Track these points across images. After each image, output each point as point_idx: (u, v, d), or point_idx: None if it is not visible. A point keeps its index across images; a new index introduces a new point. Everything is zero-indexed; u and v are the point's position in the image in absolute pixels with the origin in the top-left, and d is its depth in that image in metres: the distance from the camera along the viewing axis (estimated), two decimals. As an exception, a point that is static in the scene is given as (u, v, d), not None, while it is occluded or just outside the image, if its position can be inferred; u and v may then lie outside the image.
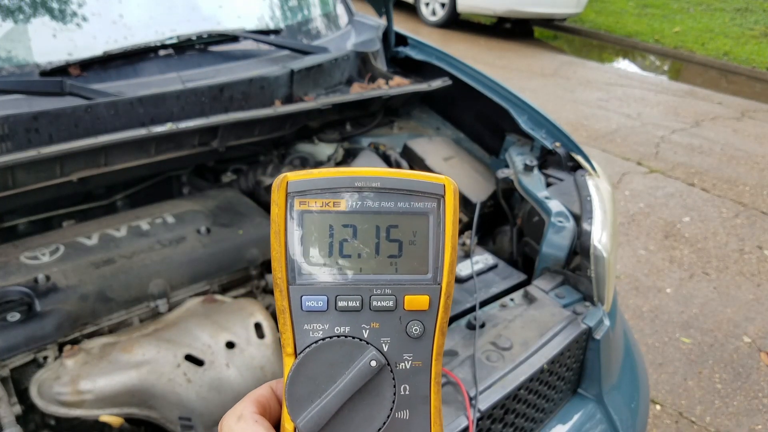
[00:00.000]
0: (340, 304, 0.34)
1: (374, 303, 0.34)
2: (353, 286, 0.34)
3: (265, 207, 1.22)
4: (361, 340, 0.34)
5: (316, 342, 0.33)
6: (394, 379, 0.33)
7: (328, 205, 0.34)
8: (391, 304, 0.34)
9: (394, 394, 0.33)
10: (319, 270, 0.34)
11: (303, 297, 0.34)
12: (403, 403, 0.34)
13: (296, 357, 0.34)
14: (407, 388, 0.34)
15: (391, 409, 0.33)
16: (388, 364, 0.34)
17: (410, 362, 0.34)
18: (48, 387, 0.79)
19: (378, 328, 0.34)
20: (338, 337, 0.34)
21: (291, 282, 0.34)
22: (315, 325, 0.34)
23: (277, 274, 0.34)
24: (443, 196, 0.35)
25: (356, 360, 0.33)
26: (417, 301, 0.34)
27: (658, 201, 3.44)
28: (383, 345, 0.34)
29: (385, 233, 0.34)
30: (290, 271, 0.34)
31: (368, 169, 0.34)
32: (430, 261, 0.35)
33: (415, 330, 0.34)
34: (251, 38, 1.39)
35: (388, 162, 1.43)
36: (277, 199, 0.34)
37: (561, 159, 1.32)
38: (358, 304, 0.34)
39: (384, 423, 0.33)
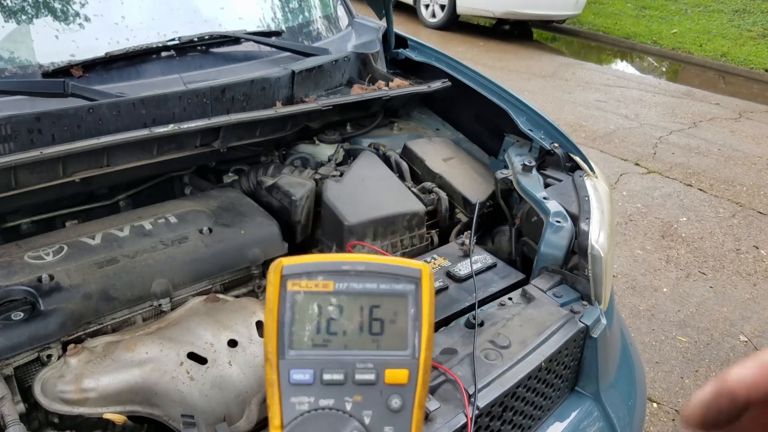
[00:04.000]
0: (326, 377, 0.36)
1: (357, 376, 0.36)
2: (338, 360, 0.36)
3: (267, 207, 1.23)
4: (344, 412, 0.36)
5: (301, 414, 0.35)
6: None
7: (317, 287, 0.37)
8: (372, 377, 0.36)
9: None
10: (308, 345, 0.37)
11: (291, 370, 0.36)
12: None
13: (282, 430, 0.35)
14: None
15: None
16: None
17: None
18: (51, 385, 0.80)
19: (360, 401, 0.36)
20: (323, 409, 0.35)
21: (281, 356, 0.36)
22: (301, 398, 0.36)
23: (269, 348, 0.36)
24: (420, 279, 0.37)
25: None
26: (397, 375, 0.36)
27: (655, 201, 3.46)
28: (365, 418, 0.36)
29: (369, 312, 0.37)
30: (281, 345, 0.36)
31: (355, 255, 0.38)
32: (408, 338, 0.37)
33: (395, 403, 0.36)
34: (252, 40, 1.40)
35: (388, 163, 1.44)
36: (272, 279, 0.37)
37: (559, 159, 1.33)
38: (342, 377, 0.36)
39: None
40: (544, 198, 1.17)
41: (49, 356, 0.86)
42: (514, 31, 8.05)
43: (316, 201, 1.26)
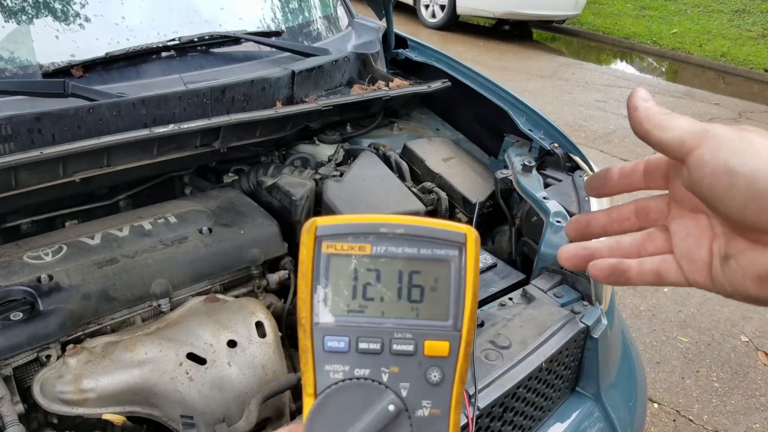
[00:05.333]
0: (361, 345, 0.34)
1: (394, 347, 0.34)
2: (374, 329, 0.35)
3: (267, 207, 1.23)
4: (380, 383, 0.34)
5: (335, 383, 0.34)
6: (411, 426, 0.34)
7: (353, 249, 0.35)
8: (411, 348, 0.34)
9: None
10: (343, 311, 0.35)
11: (325, 337, 0.34)
12: None
13: (316, 398, 0.34)
14: None
15: None
16: (407, 410, 0.34)
17: (428, 410, 0.34)
18: (51, 386, 0.80)
19: (397, 372, 0.34)
20: (358, 379, 0.34)
21: (315, 322, 0.35)
22: (336, 366, 0.34)
23: (302, 314, 0.35)
24: (465, 245, 0.35)
25: (375, 403, 0.33)
26: (437, 347, 0.34)
27: (656, 202, 3.46)
28: (402, 390, 0.34)
29: (408, 278, 0.35)
30: (315, 311, 0.35)
31: (394, 216, 0.35)
32: (451, 308, 0.35)
33: (435, 376, 0.34)
34: (252, 40, 1.40)
35: (388, 163, 1.44)
36: (306, 241, 0.35)
37: (559, 160, 1.33)
38: (378, 347, 0.34)
39: None
40: (544, 198, 1.17)
41: (48, 356, 0.86)
42: (514, 32, 8.06)
43: (316, 201, 1.26)
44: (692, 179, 0.31)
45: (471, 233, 0.35)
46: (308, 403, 0.34)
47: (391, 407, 0.33)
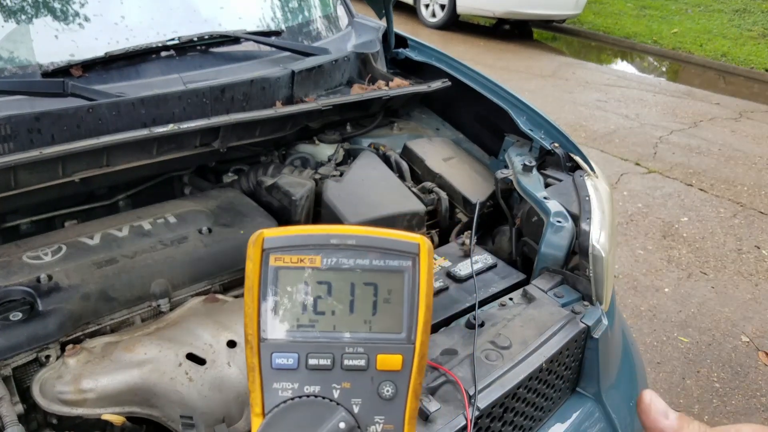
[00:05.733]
0: (311, 362, 0.33)
1: (346, 362, 0.33)
2: (325, 344, 0.33)
3: (266, 207, 1.23)
4: (331, 400, 0.33)
5: (284, 401, 0.33)
6: None
7: (303, 262, 0.34)
8: (363, 363, 0.33)
9: None
10: (292, 327, 0.34)
11: (273, 354, 0.33)
12: None
13: (264, 417, 0.33)
14: None
15: None
16: (359, 427, 0.33)
17: (381, 425, 0.33)
18: (50, 386, 0.80)
19: (349, 388, 0.33)
20: (308, 396, 0.33)
21: (262, 339, 0.33)
22: (284, 384, 0.33)
23: (249, 330, 0.33)
24: (418, 255, 0.34)
25: (325, 421, 0.32)
26: (390, 361, 0.33)
27: (656, 201, 3.45)
28: (354, 406, 0.33)
29: (360, 291, 0.34)
30: (262, 327, 0.33)
31: (344, 227, 0.34)
32: (404, 320, 0.34)
33: (387, 391, 0.33)
34: (252, 40, 1.40)
35: (388, 162, 1.43)
36: (252, 254, 0.33)
37: (560, 159, 1.33)
38: (329, 363, 0.33)
39: None
40: (545, 198, 1.17)
41: (48, 357, 0.86)
42: (514, 31, 8.05)
43: (316, 201, 1.26)
44: None
45: (424, 243, 0.34)
46: (256, 423, 0.33)
47: (342, 425, 0.32)
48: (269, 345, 0.33)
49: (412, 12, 7.73)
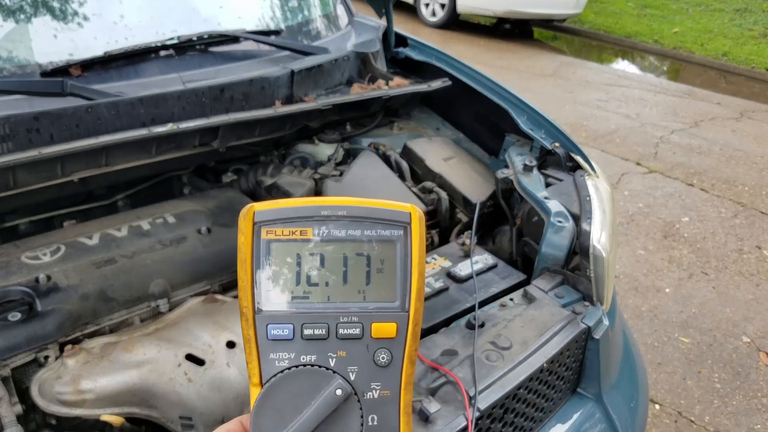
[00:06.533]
0: (306, 332, 0.34)
1: (341, 331, 0.34)
2: (320, 314, 0.34)
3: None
4: (327, 368, 0.33)
5: (281, 371, 0.33)
6: (361, 408, 0.33)
7: (295, 234, 0.34)
8: (357, 331, 0.34)
9: (362, 424, 0.33)
10: (286, 299, 0.34)
11: (269, 325, 0.34)
12: None
13: (262, 387, 0.33)
14: (375, 418, 0.33)
15: None
16: (355, 394, 0.33)
17: (378, 392, 0.34)
18: (49, 386, 0.80)
19: (345, 356, 0.34)
20: (304, 366, 0.33)
21: (257, 311, 0.34)
22: (281, 354, 0.34)
23: (243, 303, 0.34)
24: (409, 224, 0.35)
25: (322, 389, 0.33)
26: (384, 329, 0.34)
27: (657, 201, 3.45)
28: (350, 374, 0.34)
29: (353, 261, 0.34)
30: (257, 299, 0.34)
31: (335, 198, 0.35)
32: (398, 288, 0.34)
33: (383, 358, 0.34)
34: (252, 39, 1.39)
35: (388, 162, 1.43)
36: (243, 228, 0.34)
37: (560, 159, 1.32)
38: (324, 332, 0.34)
39: None
40: (545, 198, 1.16)
41: (47, 357, 0.85)
42: (514, 30, 8.04)
43: (315, 201, 1.25)
44: None
45: (415, 212, 0.35)
46: (254, 393, 0.33)
47: (339, 391, 0.32)
48: (264, 317, 0.34)
49: (412, 11, 7.72)
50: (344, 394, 0.33)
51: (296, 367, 0.33)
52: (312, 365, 0.33)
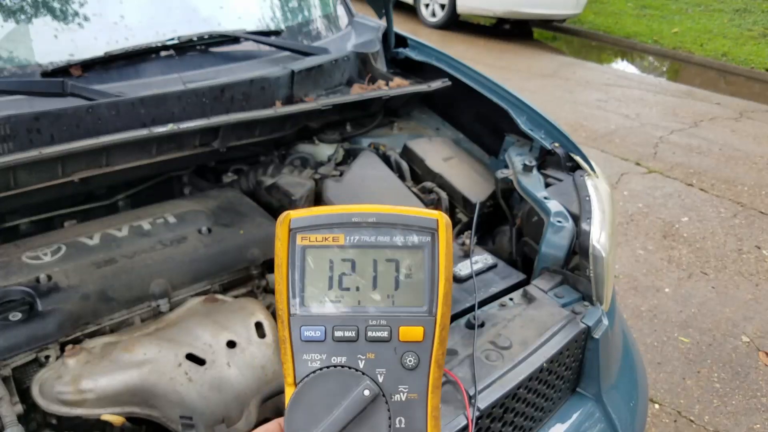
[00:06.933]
0: (337, 334, 0.35)
1: (369, 333, 0.35)
2: (350, 317, 0.35)
3: (266, 207, 1.23)
4: (356, 370, 0.35)
5: (313, 372, 0.35)
6: (389, 410, 0.34)
7: (327, 240, 0.36)
8: (386, 334, 0.35)
9: (390, 426, 0.34)
10: (319, 302, 0.36)
11: (302, 327, 0.35)
12: None
13: (296, 386, 0.35)
14: (402, 420, 0.34)
15: None
16: (383, 395, 0.34)
17: (406, 394, 0.35)
18: (49, 386, 0.80)
19: (373, 358, 0.35)
20: (335, 367, 0.35)
21: (292, 313, 0.35)
22: (313, 355, 0.35)
23: (280, 305, 0.36)
24: (437, 231, 0.36)
25: (351, 390, 0.34)
26: (412, 332, 0.35)
27: (656, 201, 3.45)
28: (378, 376, 0.35)
29: (383, 267, 0.36)
30: (291, 302, 0.36)
31: (366, 206, 0.36)
32: (425, 293, 0.36)
33: (410, 361, 0.35)
34: (252, 39, 1.39)
35: (388, 162, 1.43)
36: (280, 234, 0.36)
37: (560, 159, 1.32)
38: (353, 334, 0.35)
39: None
40: (545, 198, 1.16)
41: (47, 357, 0.85)
42: (514, 31, 8.04)
43: (315, 201, 1.26)
44: None
45: (442, 219, 0.36)
46: (289, 392, 0.35)
47: (367, 392, 0.34)
48: (298, 319, 0.35)
49: (412, 11, 7.72)
50: (372, 394, 0.34)
51: (327, 367, 0.35)
52: (342, 366, 0.35)
